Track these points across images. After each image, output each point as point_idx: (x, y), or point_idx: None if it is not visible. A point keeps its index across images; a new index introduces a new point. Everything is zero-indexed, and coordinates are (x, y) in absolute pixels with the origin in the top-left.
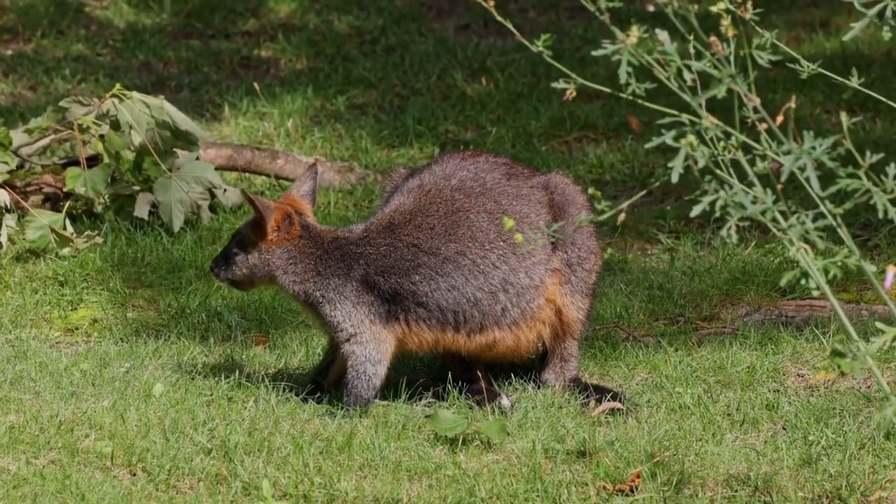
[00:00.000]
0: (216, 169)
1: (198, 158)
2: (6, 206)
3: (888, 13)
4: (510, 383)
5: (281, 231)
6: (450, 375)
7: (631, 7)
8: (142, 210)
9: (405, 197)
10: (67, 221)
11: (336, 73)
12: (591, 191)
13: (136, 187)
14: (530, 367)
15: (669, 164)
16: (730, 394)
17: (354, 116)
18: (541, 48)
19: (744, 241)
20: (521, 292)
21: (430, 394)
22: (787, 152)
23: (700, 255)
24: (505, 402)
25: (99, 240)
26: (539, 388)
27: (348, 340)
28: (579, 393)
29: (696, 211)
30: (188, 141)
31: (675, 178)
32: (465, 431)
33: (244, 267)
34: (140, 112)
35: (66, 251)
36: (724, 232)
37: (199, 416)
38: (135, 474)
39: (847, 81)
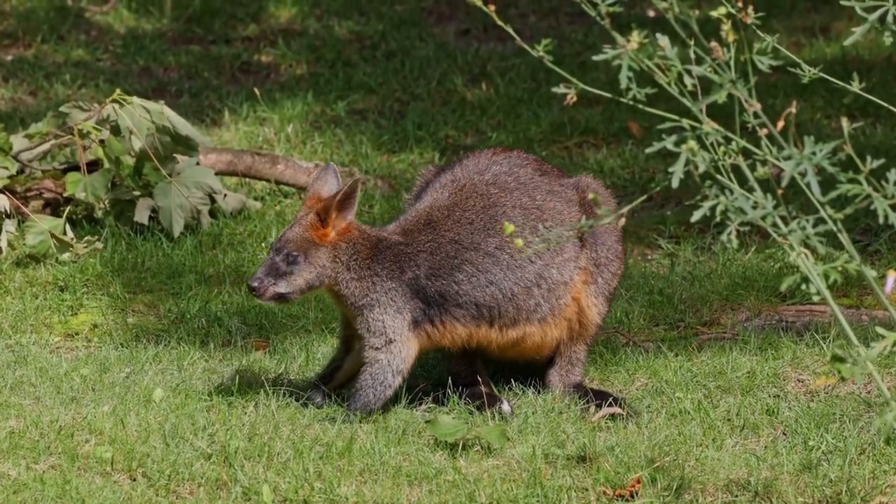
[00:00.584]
0: (216, 174)
1: (198, 164)
2: (6, 211)
3: (889, 18)
4: (510, 388)
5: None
6: (450, 380)
7: (632, 12)
8: (142, 215)
9: (439, 192)
10: (67, 226)
11: (336, 79)
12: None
13: (137, 192)
14: (531, 371)
15: (670, 170)
16: (730, 399)
17: (355, 121)
18: (541, 53)
19: (744, 246)
20: (553, 288)
21: (430, 399)
22: (788, 157)
23: (700, 260)
24: (505, 407)
25: (99, 245)
26: (540, 391)
27: (380, 348)
28: (580, 398)
29: (696, 216)
30: (188, 146)
31: (675, 184)
32: (465, 437)
33: (307, 272)
34: (140, 117)
35: (66, 256)
36: (724, 237)
37: (199, 421)
38: (135, 479)
39: (848, 86)
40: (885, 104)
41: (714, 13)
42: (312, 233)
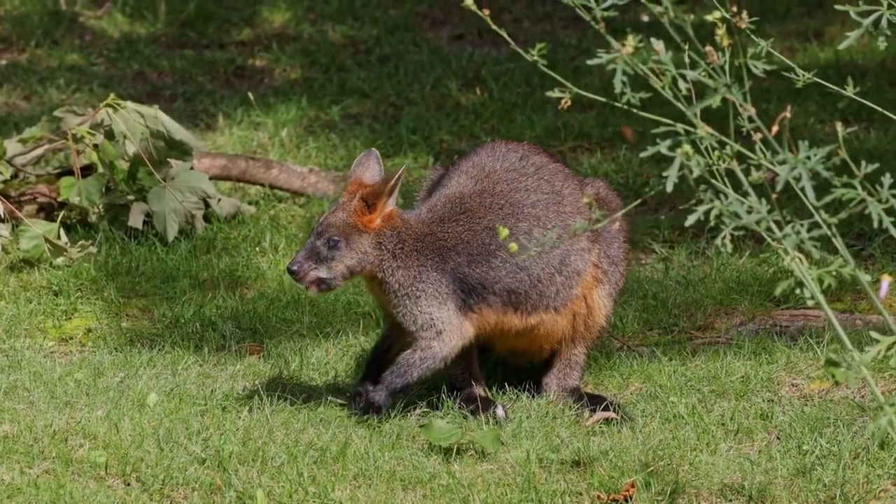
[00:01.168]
0: (210, 178)
1: (192, 168)
2: (0, 215)
3: (883, 23)
4: (504, 393)
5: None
6: (444, 384)
7: (626, 17)
8: (136, 220)
9: (465, 179)
10: (62, 231)
11: (330, 83)
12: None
13: (131, 197)
14: (525, 375)
15: (664, 174)
16: (724, 403)
17: (349, 126)
18: (535, 57)
19: (738, 250)
20: (570, 276)
21: (424, 403)
22: (783, 162)
23: (694, 264)
24: (500, 411)
25: (93, 249)
26: (534, 396)
27: (433, 337)
28: (574, 403)
29: (690, 220)
30: (182, 151)
31: (669, 188)
32: (459, 441)
33: (349, 258)
34: (134, 122)
35: (60, 261)
36: (718, 241)
37: (193, 425)
38: (129, 484)
39: (842, 91)
40: (879, 109)
41: (709, 17)
42: (357, 218)
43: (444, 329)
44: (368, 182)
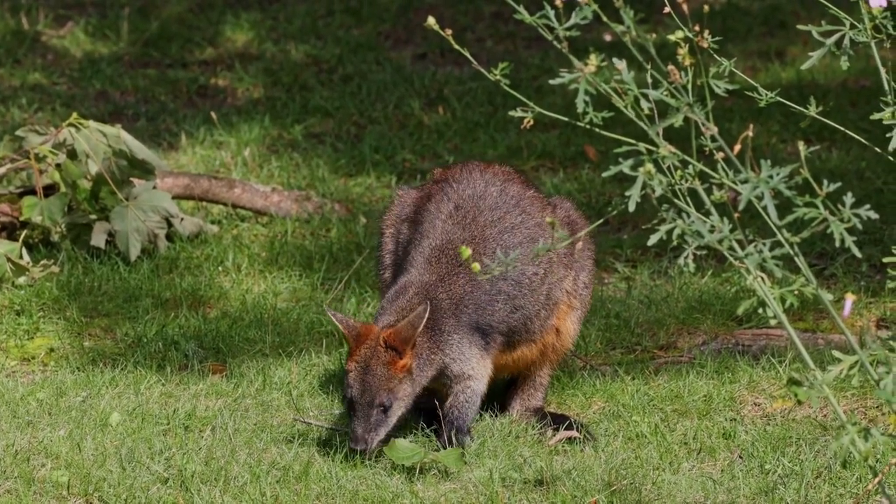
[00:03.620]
0: (173, 198)
1: (155, 187)
2: None
3: (846, 42)
4: None
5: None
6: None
7: (588, 37)
8: (98, 239)
9: (449, 224)
10: (24, 250)
11: (293, 102)
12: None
13: (93, 216)
14: (488, 396)
15: (626, 193)
16: (686, 422)
17: (311, 145)
18: (498, 77)
19: (700, 269)
20: (551, 308)
21: None
22: (745, 181)
23: (657, 283)
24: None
25: (55, 269)
26: (497, 415)
27: (466, 380)
28: (537, 422)
29: (653, 240)
30: (145, 170)
31: (632, 207)
32: (422, 460)
33: (399, 409)
34: (97, 141)
35: (22, 280)
36: (681, 260)
37: (155, 445)
38: (91, 503)
39: (804, 110)
40: (841, 128)
41: (671, 37)
42: (394, 371)
43: (474, 372)
44: (387, 328)
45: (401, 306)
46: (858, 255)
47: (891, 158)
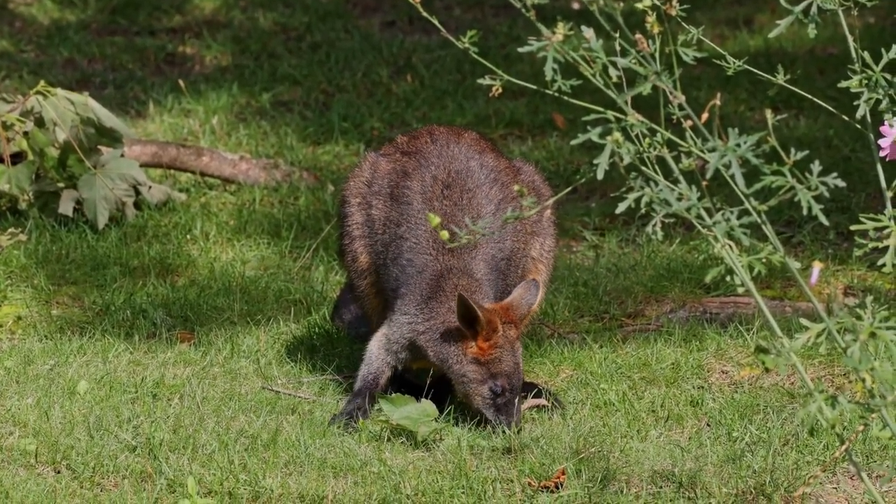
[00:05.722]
0: (141, 166)
1: (122, 155)
2: None
3: (813, 10)
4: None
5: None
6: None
7: (556, 5)
8: (66, 207)
9: (437, 203)
10: None
11: (261, 70)
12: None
13: (61, 184)
14: None
15: (595, 161)
16: (654, 390)
17: (280, 113)
18: (466, 45)
19: (669, 237)
20: (521, 275)
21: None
22: (712, 149)
23: (625, 252)
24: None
25: (23, 237)
26: None
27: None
28: None
29: (621, 208)
30: (113, 138)
31: (600, 175)
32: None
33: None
34: (64, 109)
35: None
36: (649, 228)
37: (123, 413)
38: (59, 472)
39: (772, 79)
40: (809, 96)
41: (639, 5)
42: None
43: None
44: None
45: (468, 289)
46: (826, 223)
47: (858, 126)
